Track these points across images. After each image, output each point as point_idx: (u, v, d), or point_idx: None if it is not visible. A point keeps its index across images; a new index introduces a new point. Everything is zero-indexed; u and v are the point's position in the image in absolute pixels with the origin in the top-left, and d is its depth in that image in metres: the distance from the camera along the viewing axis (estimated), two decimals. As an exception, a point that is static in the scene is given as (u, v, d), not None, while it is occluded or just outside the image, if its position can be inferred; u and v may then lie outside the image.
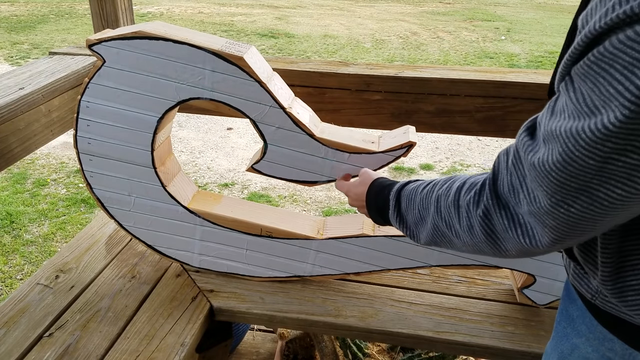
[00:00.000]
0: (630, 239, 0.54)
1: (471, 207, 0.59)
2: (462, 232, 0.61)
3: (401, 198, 0.75)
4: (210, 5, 11.03)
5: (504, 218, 0.55)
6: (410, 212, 0.72)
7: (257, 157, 1.10)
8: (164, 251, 1.25)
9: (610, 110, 0.38)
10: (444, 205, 0.64)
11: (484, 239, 0.58)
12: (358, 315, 1.18)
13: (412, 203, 0.72)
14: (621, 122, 0.38)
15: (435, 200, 0.66)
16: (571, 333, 0.67)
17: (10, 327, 1.08)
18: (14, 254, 2.71)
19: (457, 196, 0.62)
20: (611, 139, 0.40)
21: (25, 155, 1.14)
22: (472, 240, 0.60)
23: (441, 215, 0.65)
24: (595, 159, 0.41)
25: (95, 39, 0.99)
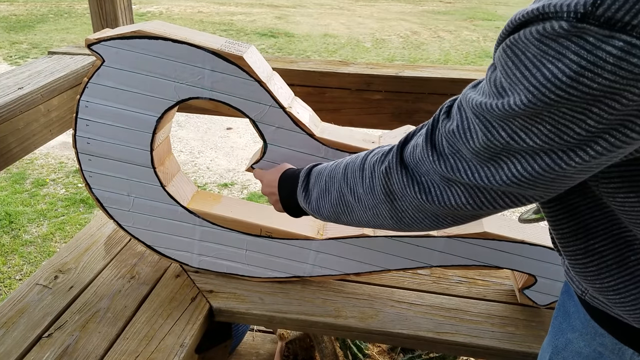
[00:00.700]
0: (596, 241, 0.56)
1: (375, 166, 0.63)
2: (364, 194, 0.65)
3: (311, 174, 0.79)
4: (209, 4, 11.02)
5: (403, 176, 0.59)
6: (317, 185, 0.76)
7: (257, 157, 1.10)
8: (163, 251, 1.24)
9: (516, 93, 0.42)
10: (350, 170, 0.68)
11: (382, 198, 0.62)
12: (358, 316, 1.17)
13: (320, 177, 0.76)
14: (525, 105, 0.42)
15: (344, 168, 0.70)
16: (566, 328, 0.68)
17: (9, 328, 1.08)
18: (12, 254, 2.71)
19: (364, 159, 0.67)
20: (517, 118, 0.43)
21: (24, 155, 1.14)
22: (373, 201, 0.64)
23: (347, 180, 0.69)
24: (502, 134, 0.45)
25: (94, 39, 0.99)
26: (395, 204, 0.61)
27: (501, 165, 0.48)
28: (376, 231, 1.15)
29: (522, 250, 1.10)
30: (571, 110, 0.40)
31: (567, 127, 0.42)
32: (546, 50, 0.39)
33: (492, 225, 1.11)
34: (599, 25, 0.36)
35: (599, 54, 0.37)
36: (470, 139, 0.49)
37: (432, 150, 0.55)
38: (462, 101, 0.51)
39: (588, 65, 0.37)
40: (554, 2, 0.38)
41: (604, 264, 0.56)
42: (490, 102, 0.45)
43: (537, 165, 0.46)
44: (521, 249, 1.10)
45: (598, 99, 0.39)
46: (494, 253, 1.12)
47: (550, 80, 0.39)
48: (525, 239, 1.09)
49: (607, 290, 0.57)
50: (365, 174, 0.65)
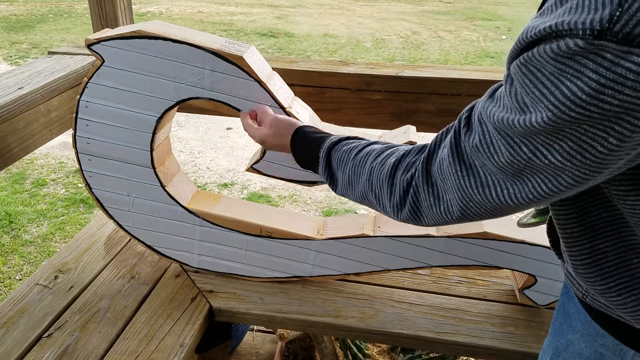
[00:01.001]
0: (601, 241, 0.56)
1: (404, 186, 0.62)
2: (389, 206, 0.65)
3: (332, 158, 0.77)
4: (209, 4, 11.02)
5: (429, 195, 0.59)
6: (341, 174, 0.75)
7: (257, 157, 1.10)
8: (163, 251, 1.24)
9: (537, 111, 0.42)
10: (376, 178, 0.67)
11: (408, 215, 0.63)
12: (358, 316, 1.17)
13: (342, 165, 0.74)
14: (546, 123, 0.42)
15: (369, 172, 0.68)
16: (567, 329, 0.68)
17: (9, 328, 1.08)
18: (12, 254, 2.71)
19: (393, 173, 0.64)
20: (539, 135, 0.44)
21: (24, 155, 1.14)
22: (396, 214, 0.65)
23: (372, 187, 0.68)
24: (524, 150, 0.46)
25: (94, 39, 0.99)
26: (419, 218, 0.62)
27: (526, 182, 0.48)
28: (376, 231, 1.15)
29: (522, 250, 1.10)
30: (593, 128, 0.40)
31: (589, 145, 0.41)
32: (563, 68, 0.39)
33: (492, 225, 1.11)
34: (616, 41, 0.36)
35: (618, 71, 0.36)
36: (495, 153, 0.49)
37: (461, 164, 0.54)
38: (482, 114, 0.50)
39: (608, 83, 0.37)
40: (567, 20, 0.38)
41: (606, 265, 0.56)
42: (512, 118, 0.45)
43: (560, 184, 0.46)
44: (521, 249, 1.10)
45: (619, 116, 0.38)
46: (494, 253, 1.12)
47: (569, 98, 0.39)
48: (525, 239, 1.09)
49: (609, 291, 0.57)
50: (395, 191, 0.64)
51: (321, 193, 3.47)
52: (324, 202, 3.38)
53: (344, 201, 3.37)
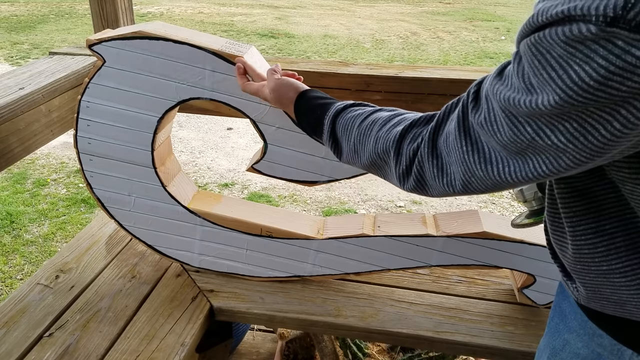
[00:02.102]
0: (608, 222, 0.56)
1: (411, 155, 0.63)
2: (395, 175, 0.66)
3: (336, 126, 0.76)
4: (210, 5, 11.03)
5: (434, 167, 0.59)
6: (345, 141, 0.74)
7: (257, 157, 1.10)
8: (164, 251, 1.25)
9: (545, 93, 0.42)
10: (382, 147, 0.67)
11: (413, 185, 0.63)
12: (358, 315, 1.18)
13: (347, 133, 0.74)
14: (552, 106, 0.42)
15: (374, 141, 0.68)
16: (563, 329, 0.68)
17: (11, 327, 1.08)
18: (14, 254, 2.71)
19: (400, 142, 0.64)
20: (544, 116, 0.44)
21: (26, 155, 1.14)
22: (402, 184, 0.66)
23: (379, 155, 0.68)
24: (528, 129, 0.46)
25: (95, 39, 0.99)
26: (424, 189, 0.63)
27: (527, 162, 0.49)
28: (376, 231, 1.16)
29: (521, 249, 1.11)
30: (599, 111, 0.40)
31: (593, 128, 0.42)
32: (573, 52, 0.39)
33: (492, 225, 1.11)
34: (629, 29, 0.36)
35: (628, 59, 0.36)
36: (498, 131, 0.49)
37: (467, 139, 0.54)
38: (489, 91, 0.51)
39: (617, 70, 0.37)
40: (581, 5, 0.38)
41: (613, 245, 0.56)
42: (519, 98, 0.45)
43: (560, 165, 0.46)
44: (520, 248, 1.10)
45: (627, 101, 0.39)
46: (493, 252, 1.12)
47: (577, 83, 0.39)
48: (524, 238, 1.09)
49: (614, 272, 0.57)
50: (401, 160, 0.64)
51: (321, 193, 3.48)
52: (324, 202, 3.38)
53: (344, 201, 3.37)
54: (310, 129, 0.82)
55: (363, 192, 3.50)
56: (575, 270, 0.62)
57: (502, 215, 3.21)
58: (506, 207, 3.37)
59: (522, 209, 3.31)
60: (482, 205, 3.41)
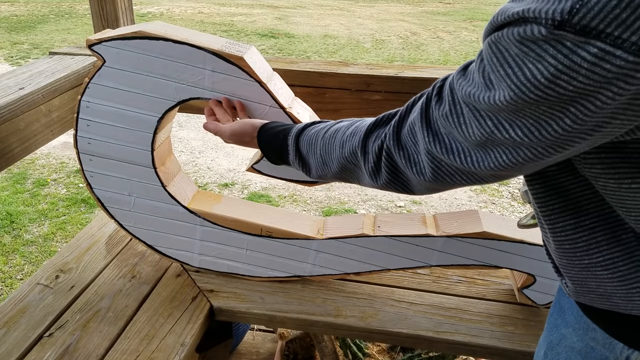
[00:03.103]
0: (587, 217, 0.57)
1: (377, 151, 0.66)
2: (366, 174, 0.69)
3: (300, 144, 0.79)
4: (210, 5, 11.03)
5: (402, 158, 0.62)
6: (312, 156, 0.77)
7: (257, 157, 1.10)
8: (164, 251, 1.25)
9: (501, 89, 0.45)
10: (349, 150, 0.70)
11: (387, 179, 0.66)
12: (358, 315, 1.18)
13: (312, 147, 0.77)
14: (507, 102, 0.45)
15: (340, 146, 0.71)
16: (561, 324, 0.69)
17: (10, 327, 1.08)
18: (14, 254, 2.71)
19: (365, 141, 0.67)
20: (502, 112, 0.46)
21: (26, 155, 1.14)
22: (375, 180, 0.68)
23: (347, 159, 0.71)
24: (489, 123, 0.49)
25: (95, 39, 0.99)
26: (399, 177, 0.65)
27: (488, 153, 0.51)
28: (376, 231, 1.16)
29: (521, 249, 1.11)
30: (550, 108, 0.43)
31: (546, 123, 0.44)
32: (527, 51, 0.41)
33: (491, 225, 1.11)
34: (574, 32, 0.38)
35: (574, 59, 0.39)
36: (463, 123, 0.52)
37: (428, 130, 0.57)
38: (453, 86, 0.53)
39: (564, 69, 0.40)
40: (534, 7, 0.40)
41: (594, 239, 0.57)
42: (479, 94, 0.48)
43: (519, 157, 0.49)
44: (520, 248, 1.10)
45: (574, 100, 0.41)
46: (493, 253, 1.12)
47: (530, 80, 0.42)
48: (524, 238, 1.09)
49: (596, 266, 0.58)
50: (368, 158, 0.67)
51: (321, 193, 3.48)
52: (324, 202, 3.38)
53: (344, 201, 3.37)
54: (276, 155, 0.86)
55: (363, 192, 3.50)
56: (562, 264, 0.63)
57: (502, 215, 3.21)
58: (506, 207, 3.37)
59: (523, 209, 3.30)
60: (482, 205, 3.41)
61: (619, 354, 0.60)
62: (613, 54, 0.37)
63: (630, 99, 0.40)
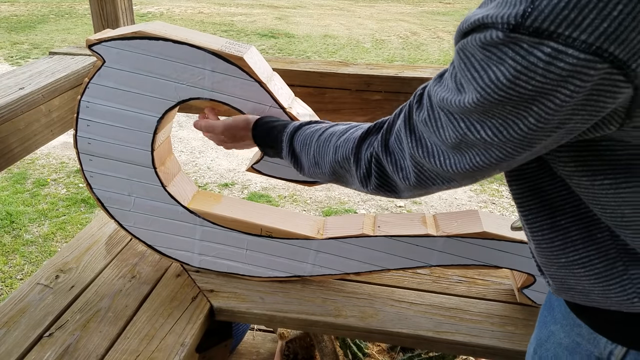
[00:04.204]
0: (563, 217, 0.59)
1: (368, 157, 0.69)
2: (357, 179, 0.72)
3: (295, 142, 0.82)
4: (210, 5, 11.03)
5: (389, 164, 0.65)
6: (305, 156, 0.80)
7: (257, 157, 1.10)
8: (164, 251, 1.25)
9: (470, 92, 0.47)
10: (342, 154, 0.73)
11: (376, 184, 0.69)
12: (358, 315, 1.18)
13: (306, 147, 0.80)
14: (475, 104, 0.47)
15: (334, 150, 0.74)
16: (550, 320, 0.71)
17: (10, 327, 1.08)
18: (14, 253, 2.71)
19: (359, 147, 0.70)
20: (473, 114, 0.49)
21: (26, 155, 1.14)
22: (365, 186, 0.71)
23: (339, 163, 0.74)
24: (462, 125, 0.51)
25: (95, 39, 0.99)
26: (388, 183, 0.68)
27: (463, 154, 0.53)
28: (376, 231, 1.16)
29: (521, 249, 1.11)
30: (515, 108, 0.45)
31: (513, 123, 0.46)
32: (489, 55, 0.44)
33: (491, 225, 1.11)
34: (529, 34, 0.40)
35: (530, 59, 0.41)
36: (440, 127, 0.54)
37: (412, 135, 0.60)
38: (430, 93, 0.56)
39: (523, 70, 0.42)
40: (492, 14, 0.43)
41: (569, 239, 0.59)
42: (452, 98, 0.50)
43: (491, 157, 0.51)
44: (520, 248, 1.10)
45: (535, 99, 0.43)
46: (493, 253, 1.12)
47: (494, 82, 0.44)
48: (524, 238, 1.09)
49: (573, 264, 0.60)
50: (361, 163, 0.70)
51: (321, 193, 3.48)
52: (324, 202, 3.38)
53: (344, 201, 3.37)
54: (271, 150, 0.89)
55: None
56: (542, 263, 0.65)
57: (502, 215, 3.21)
58: (506, 207, 3.37)
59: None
60: (482, 205, 3.41)
61: (602, 348, 0.61)
62: (565, 52, 0.39)
63: (587, 95, 0.41)
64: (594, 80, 0.40)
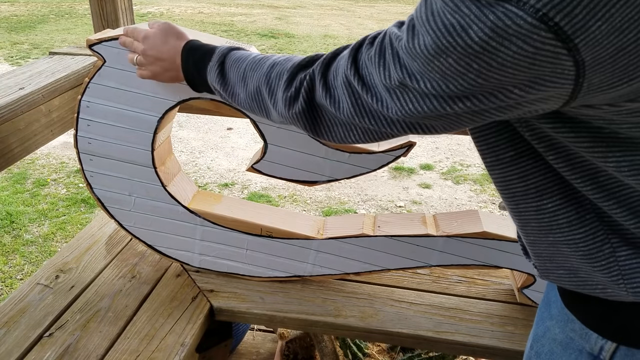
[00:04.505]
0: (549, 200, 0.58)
1: (300, 80, 0.67)
2: (281, 99, 0.69)
3: (228, 57, 0.79)
4: (210, 5, 11.03)
5: (322, 89, 0.64)
6: (234, 72, 0.77)
7: (257, 157, 1.10)
8: (164, 251, 1.25)
9: (421, 35, 0.47)
10: (277, 71, 0.70)
11: (301, 108, 0.66)
12: (358, 315, 1.18)
13: (239, 63, 0.76)
14: (424, 47, 0.47)
15: (270, 66, 0.72)
16: (547, 317, 0.71)
17: (11, 327, 1.08)
18: (14, 254, 2.71)
19: (296, 70, 0.68)
20: (417, 59, 0.48)
21: (26, 155, 1.14)
22: (287, 108, 0.68)
23: (269, 80, 0.71)
24: (403, 70, 0.51)
25: (95, 39, 0.99)
26: (312, 108, 0.67)
27: (399, 98, 0.54)
28: (376, 231, 1.16)
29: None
30: (456, 62, 0.45)
31: (452, 78, 0.47)
32: (448, 3, 0.44)
33: (491, 225, 1.11)
34: None
35: (484, 12, 0.42)
36: (382, 66, 0.54)
37: (354, 70, 0.59)
38: (386, 33, 0.56)
39: (474, 20, 0.43)
40: None
41: (556, 221, 0.59)
42: (404, 39, 0.50)
43: (423, 107, 0.52)
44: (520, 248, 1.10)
45: (478, 55, 0.44)
46: (493, 252, 1.12)
47: (447, 26, 0.45)
48: (524, 238, 1.09)
49: (560, 243, 0.60)
50: (293, 83, 0.68)
51: (321, 193, 3.48)
52: (324, 202, 3.38)
53: (344, 201, 3.37)
54: (194, 66, 0.83)
55: (363, 192, 3.50)
56: (528, 242, 0.65)
57: (502, 215, 3.21)
58: (506, 207, 3.37)
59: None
60: (482, 205, 3.41)
61: (594, 344, 0.61)
62: (516, 13, 0.40)
63: (530, 62, 0.42)
64: (537, 46, 0.41)
